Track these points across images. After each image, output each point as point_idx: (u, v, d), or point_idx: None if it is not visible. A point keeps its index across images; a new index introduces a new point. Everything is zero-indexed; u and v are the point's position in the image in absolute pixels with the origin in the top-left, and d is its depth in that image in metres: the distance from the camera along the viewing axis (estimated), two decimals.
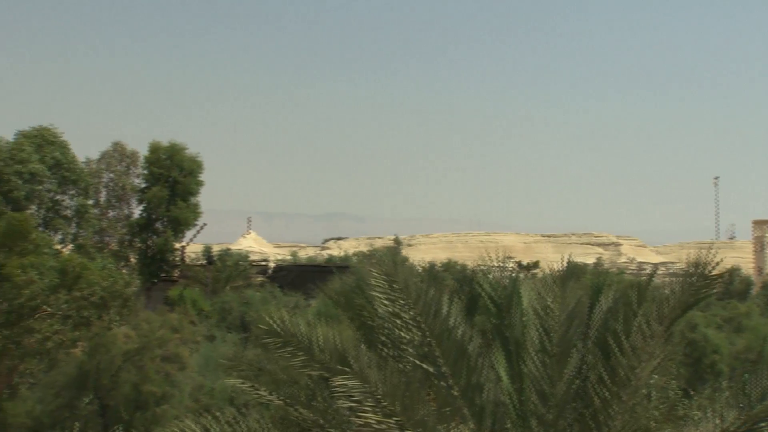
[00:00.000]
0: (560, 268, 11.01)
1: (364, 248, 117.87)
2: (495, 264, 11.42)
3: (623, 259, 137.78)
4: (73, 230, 39.07)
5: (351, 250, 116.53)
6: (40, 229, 36.78)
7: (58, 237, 38.19)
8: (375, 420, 8.95)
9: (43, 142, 38.37)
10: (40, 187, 36.84)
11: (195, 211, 53.07)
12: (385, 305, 10.18)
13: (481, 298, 11.43)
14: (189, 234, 54.76)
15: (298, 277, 53.84)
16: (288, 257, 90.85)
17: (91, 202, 40.95)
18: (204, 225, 55.64)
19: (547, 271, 11.43)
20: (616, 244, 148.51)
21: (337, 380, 9.31)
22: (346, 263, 69.46)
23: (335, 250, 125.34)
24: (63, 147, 39.21)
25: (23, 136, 38.24)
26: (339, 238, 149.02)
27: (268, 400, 12.00)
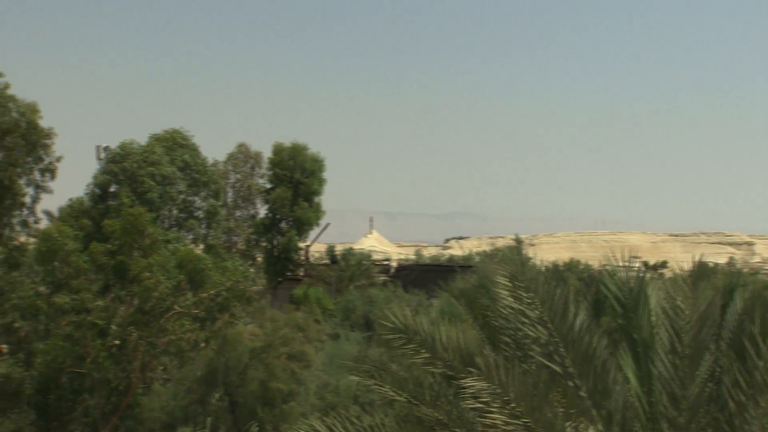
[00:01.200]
0: (690, 268, 10.69)
1: (486, 248, 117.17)
2: (621, 264, 11.18)
3: (757, 259, 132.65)
4: (204, 231, 40.21)
5: (473, 250, 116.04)
6: (173, 229, 37.99)
7: (190, 237, 39.36)
8: (502, 421, 8.87)
9: (174, 144, 39.60)
10: (173, 189, 38.02)
11: (318, 211, 53.82)
12: (511, 304, 10.09)
13: (606, 299, 11.22)
14: (312, 234, 55.60)
15: (421, 276, 53.93)
16: (411, 256, 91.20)
17: (220, 203, 42.05)
18: (327, 225, 56.37)
19: (677, 271, 11.13)
20: (750, 244, 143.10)
21: (465, 381, 9.28)
22: (468, 263, 69.19)
23: (457, 250, 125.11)
24: (193, 150, 40.39)
25: (155, 139, 39.58)
26: (461, 238, 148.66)
27: (393, 399, 12.05)
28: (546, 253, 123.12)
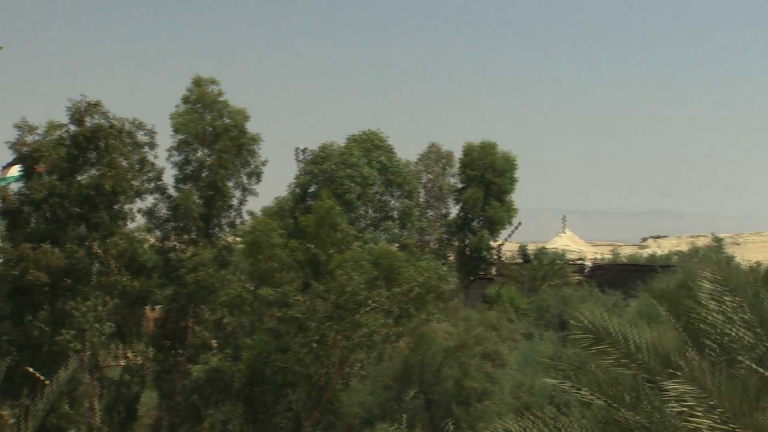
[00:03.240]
0: None
1: (685, 247, 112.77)
2: None
3: None
4: (398, 231, 40.90)
5: (671, 249, 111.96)
6: (369, 230, 38.93)
7: (385, 237, 40.15)
8: (708, 426, 8.60)
9: (371, 146, 40.53)
10: (371, 190, 38.91)
11: (510, 210, 53.55)
12: (716, 307, 9.75)
13: None
14: (504, 233, 55.39)
15: (617, 276, 52.62)
16: (606, 256, 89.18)
17: (414, 203, 42.65)
18: (519, 224, 56.02)
19: None
20: None
21: (666, 383, 9.05)
22: (668, 262, 66.88)
23: (654, 249, 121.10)
24: (388, 151, 41.19)
25: (353, 140, 40.65)
26: (658, 237, 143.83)
27: (590, 401, 11.87)
28: (753, 252, 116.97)
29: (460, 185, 54.15)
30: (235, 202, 33.65)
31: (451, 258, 54.52)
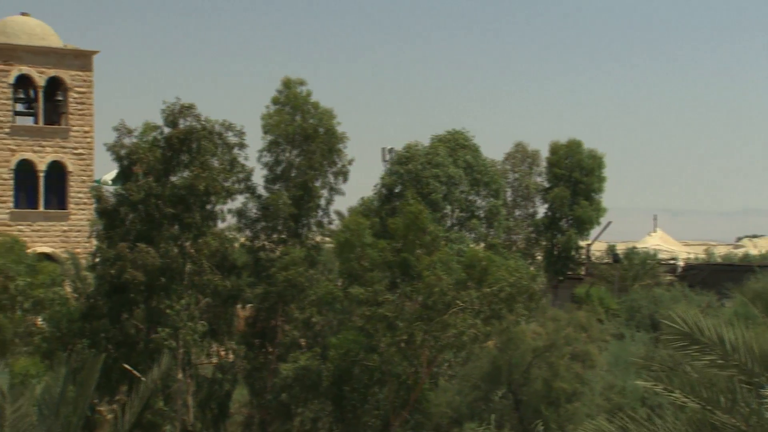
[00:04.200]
0: None
1: None
2: None
3: None
4: (485, 230, 40.78)
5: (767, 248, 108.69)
6: (455, 229, 38.92)
7: (472, 237, 40.08)
8: None
9: (456, 145, 40.53)
10: (456, 190, 38.90)
11: (598, 210, 52.91)
12: None
13: None
14: (593, 232, 54.73)
15: (711, 276, 51.43)
16: (700, 255, 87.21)
17: (500, 202, 42.47)
18: (609, 223, 55.24)
19: None
20: None
21: (766, 385, 8.83)
22: (764, 262, 64.99)
23: (750, 248, 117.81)
24: (474, 150, 41.13)
25: (438, 140, 40.70)
26: (754, 236, 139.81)
27: (684, 403, 11.67)
28: None
29: (546, 184, 53.73)
30: (322, 201, 34.00)
31: (539, 258, 54.07)
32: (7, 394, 15.26)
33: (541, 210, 54.43)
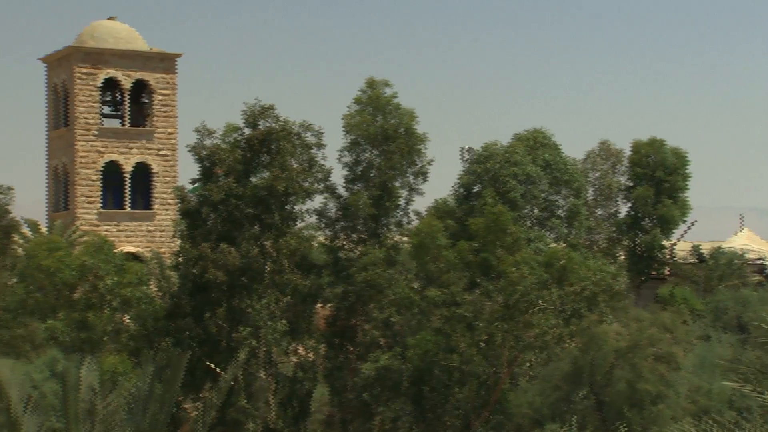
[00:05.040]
0: None
1: None
2: None
3: None
4: (565, 230, 40.35)
5: None
6: (535, 229, 38.56)
7: (552, 236, 39.69)
8: None
9: (536, 144, 40.19)
10: (535, 189, 38.58)
11: (683, 208, 51.96)
12: None
13: None
14: (677, 231, 53.72)
15: None
16: None
17: (581, 201, 41.96)
18: (693, 222, 54.18)
19: None
20: None
21: None
22: None
23: None
24: (554, 148, 40.74)
25: (518, 139, 40.43)
26: None
27: None
28: None
29: (629, 183, 52.96)
30: (402, 201, 34.04)
31: (621, 257, 53.29)
32: (98, 390, 15.69)
33: (624, 209, 53.66)
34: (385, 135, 33.21)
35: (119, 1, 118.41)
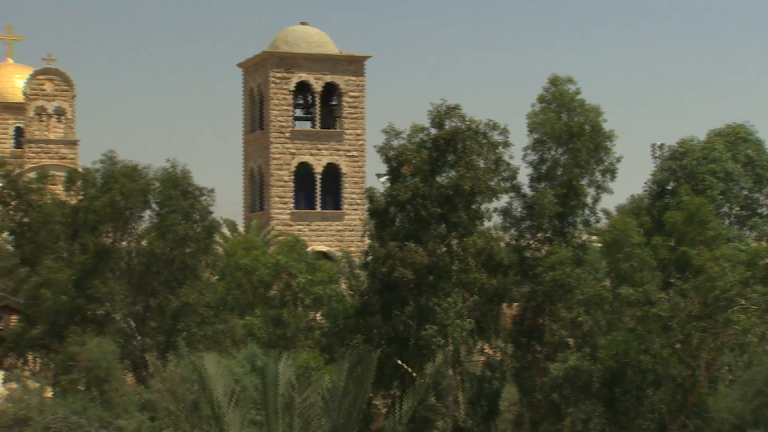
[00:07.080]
0: None
1: None
2: None
3: None
4: None
5: None
6: (735, 227, 36.71)
7: (753, 235, 37.72)
8: None
9: (737, 139, 38.29)
10: (735, 186, 36.78)
11: None
12: None
13: None
14: None
15: None
16: None
17: None
18: None
19: None
20: None
21: None
22: None
23: None
24: (757, 144, 38.71)
25: (716, 134, 38.68)
26: None
27: None
28: None
29: None
30: (589, 200, 33.34)
31: None
32: (296, 385, 16.23)
33: None
34: (570, 132, 32.62)
35: (311, 6, 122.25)
